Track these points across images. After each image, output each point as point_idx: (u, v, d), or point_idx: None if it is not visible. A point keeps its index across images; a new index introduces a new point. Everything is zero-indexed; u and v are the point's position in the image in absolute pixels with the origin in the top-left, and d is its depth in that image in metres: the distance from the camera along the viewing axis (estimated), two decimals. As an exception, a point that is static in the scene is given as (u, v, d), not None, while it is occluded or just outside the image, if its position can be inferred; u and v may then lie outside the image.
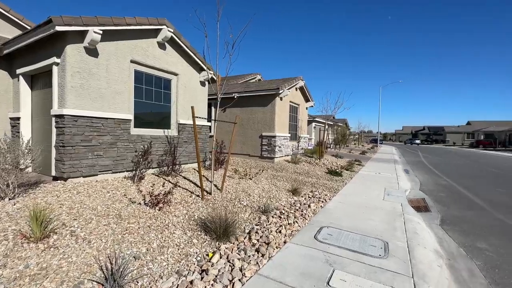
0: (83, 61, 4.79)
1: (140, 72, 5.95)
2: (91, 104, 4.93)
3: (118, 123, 5.35)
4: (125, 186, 4.79)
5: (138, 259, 2.63)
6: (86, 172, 4.83)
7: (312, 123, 20.60)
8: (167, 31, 6.06)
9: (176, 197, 4.50)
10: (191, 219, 3.76)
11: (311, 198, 5.59)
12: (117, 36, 5.30)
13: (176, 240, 3.12)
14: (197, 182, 5.64)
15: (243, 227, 3.74)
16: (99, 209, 3.61)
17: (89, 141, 4.87)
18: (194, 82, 7.39)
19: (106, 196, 4.15)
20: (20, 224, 2.92)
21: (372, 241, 3.45)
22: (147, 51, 5.99)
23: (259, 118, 10.49)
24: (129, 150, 5.57)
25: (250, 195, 5.31)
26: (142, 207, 3.91)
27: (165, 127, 6.64)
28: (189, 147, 7.20)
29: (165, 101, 6.66)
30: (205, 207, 4.30)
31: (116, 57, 5.32)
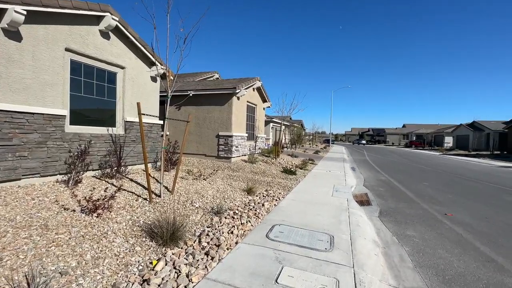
0: (2, 45, 4.04)
1: (77, 62, 5.28)
2: (12, 96, 4.19)
3: (48, 119, 4.65)
4: (57, 191, 4.19)
5: (66, 274, 2.29)
6: (5, 177, 4.08)
7: (269, 123, 21.08)
8: (110, 19, 5.50)
9: (119, 202, 4.09)
10: (135, 225, 3.45)
11: (265, 197, 5.66)
12: (48, 19, 4.61)
13: (115, 249, 2.81)
14: (146, 185, 5.24)
15: (194, 230, 3.58)
16: (18, 219, 3.07)
17: (8, 139, 4.12)
18: (143, 77, 6.87)
19: (30, 203, 3.56)
20: None
21: (320, 235, 3.63)
22: (87, 40, 5.35)
23: (216, 117, 10.29)
24: (63, 150, 4.89)
25: (203, 196, 5.13)
26: (77, 214, 3.45)
27: (109, 125, 6.02)
28: (138, 146, 6.67)
29: (109, 96, 6.05)
30: (152, 211, 4.01)
31: (46, 43, 4.62)
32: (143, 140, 4.20)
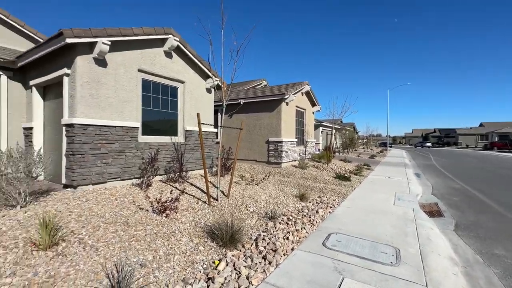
0: (92, 71, 4.92)
1: (147, 80, 6.06)
2: (100, 113, 5.04)
3: (126, 131, 5.44)
4: (133, 193, 4.84)
5: (144, 266, 2.62)
6: (95, 180, 4.91)
7: (319, 127, 20.46)
8: (173, 40, 6.18)
9: (183, 204, 4.50)
10: (198, 226, 3.74)
11: (319, 204, 5.50)
12: (125, 46, 5.44)
13: (182, 247, 3.10)
14: (204, 189, 5.64)
15: (250, 234, 3.69)
16: (107, 216, 3.65)
17: (98, 149, 4.96)
18: (200, 89, 7.47)
19: (114, 203, 4.19)
20: (30, 232, 2.97)
21: (383, 247, 3.35)
22: (154, 60, 6.11)
23: (265, 123, 10.49)
24: (137, 157, 5.64)
25: (257, 201, 5.26)
26: (150, 214, 3.92)
27: (172, 134, 6.71)
28: (196, 153, 7.24)
29: (172, 109, 6.75)
30: (211, 214, 4.29)
31: (124, 66, 5.45)
32: (202, 147, 4.55)
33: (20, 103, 6.28)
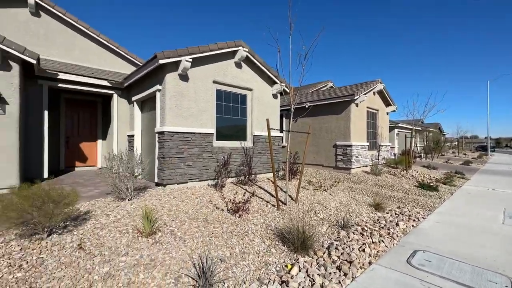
0: (177, 86, 5.71)
1: (220, 90, 6.64)
2: (183, 121, 5.78)
3: (203, 136, 6.07)
4: (210, 193, 5.34)
5: (224, 262, 2.86)
6: (179, 180, 5.64)
7: (394, 129, 18.30)
8: (243, 51, 6.60)
9: (253, 206, 4.72)
10: (268, 228, 3.85)
11: (398, 216, 4.91)
12: (202, 61, 6.11)
13: (255, 247, 3.25)
14: (272, 192, 5.77)
15: (321, 241, 3.58)
16: (190, 212, 4.13)
17: (181, 153, 5.69)
18: (267, 95, 7.73)
19: (195, 201, 4.72)
20: (135, 221, 3.63)
21: (491, 275, 2.74)
22: (226, 71, 6.65)
23: (332, 126, 10.03)
24: (212, 160, 6.21)
25: (326, 207, 5.07)
26: (225, 213, 4.26)
27: (241, 139, 7.13)
28: (263, 157, 7.48)
29: (241, 115, 7.19)
30: (281, 217, 4.35)
31: (201, 79, 6.12)
32: (271, 152, 4.68)
33: (125, 115, 7.79)
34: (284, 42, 4.65)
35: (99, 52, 8.81)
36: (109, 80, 7.31)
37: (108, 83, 7.32)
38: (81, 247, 2.88)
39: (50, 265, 2.53)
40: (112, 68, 9.06)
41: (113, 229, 3.35)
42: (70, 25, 8.20)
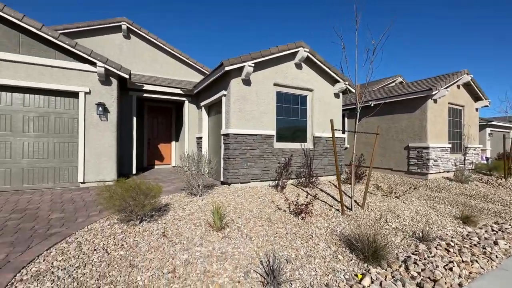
0: (241, 90, 6.02)
1: (280, 92, 6.71)
2: (246, 123, 6.06)
3: (264, 138, 6.23)
4: (271, 193, 5.44)
5: (289, 262, 2.87)
6: (243, 180, 5.92)
7: (485, 128, 15.23)
8: (303, 51, 6.53)
9: (316, 209, 4.60)
10: (333, 233, 3.70)
11: (497, 233, 4.06)
12: (263, 65, 6.29)
13: (321, 252, 3.16)
14: (335, 196, 5.52)
15: (396, 254, 3.25)
16: (254, 211, 4.29)
17: (244, 154, 5.97)
18: (328, 95, 7.44)
19: (257, 201, 4.88)
20: (207, 215, 3.98)
21: None
22: (286, 73, 6.69)
23: (403, 126, 8.98)
24: (273, 161, 6.32)
25: (399, 216, 4.56)
26: (287, 214, 4.27)
27: (301, 141, 7.04)
28: (324, 159, 7.22)
29: (301, 116, 7.11)
30: (346, 223, 4.12)
31: (263, 82, 6.31)
32: (336, 154, 4.49)
33: (195, 119, 8.61)
34: (347, 40, 4.39)
35: (173, 64, 10.00)
36: (182, 88, 8.22)
37: (181, 91, 8.23)
38: (164, 234, 3.31)
39: (143, 247, 2.99)
40: (184, 77, 10.15)
41: (188, 222, 3.74)
42: (151, 43, 9.56)
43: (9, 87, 5.29)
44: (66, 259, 2.67)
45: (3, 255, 2.67)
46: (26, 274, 2.38)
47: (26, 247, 2.86)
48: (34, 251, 2.77)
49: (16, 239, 3.05)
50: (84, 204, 4.44)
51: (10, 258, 2.62)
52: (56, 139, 5.71)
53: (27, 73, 5.33)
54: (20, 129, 5.42)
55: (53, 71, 5.55)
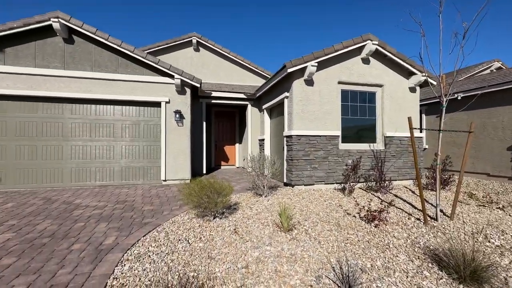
0: (303, 91, 5.94)
1: (345, 90, 6.35)
2: (309, 124, 5.94)
3: (328, 139, 5.99)
4: (337, 197, 5.19)
5: (365, 272, 2.68)
6: (306, 182, 5.82)
7: None
8: (371, 45, 6.03)
9: (391, 217, 4.17)
10: (415, 245, 3.27)
11: None
12: (326, 63, 6.06)
13: (401, 265, 2.84)
14: (413, 203, 4.89)
15: (503, 277, 2.66)
16: (321, 215, 4.16)
17: (307, 155, 5.86)
18: (401, 90, 6.67)
19: (323, 204, 4.72)
20: (273, 216, 4.06)
21: None
22: (352, 70, 6.29)
23: (505, 122, 7.32)
24: (338, 163, 6.01)
25: (504, 232, 3.73)
26: (357, 220, 4.00)
27: (370, 141, 6.50)
28: (398, 162, 6.49)
29: (369, 115, 6.57)
30: (431, 235, 3.59)
31: (326, 82, 6.08)
32: (415, 155, 3.98)
33: (257, 122, 8.91)
34: (428, 24, 3.80)
35: (236, 70, 10.59)
36: (245, 93, 8.62)
37: (244, 96, 8.65)
38: (236, 231, 3.53)
39: (218, 242, 3.25)
40: (246, 82, 10.64)
41: (256, 221, 3.89)
42: (217, 52, 10.35)
43: (113, 101, 6.51)
44: (158, 245, 3.12)
45: (113, 238, 3.29)
46: (130, 255, 2.88)
47: (128, 232, 3.46)
48: (135, 236, 3.33)
49: (121, 225, 3.72)
50: (167, 199, 5.10)
51: (118, 240, 3.21)
52: (144, 142, 6.74)
53: (124, 88, 6.46)
54: (119, 135, 6.60)
55: (142, 86, 6.57)
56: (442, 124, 4.04)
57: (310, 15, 44.85)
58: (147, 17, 43.44)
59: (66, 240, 3.22)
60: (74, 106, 6.34)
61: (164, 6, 43.66)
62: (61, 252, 2.90)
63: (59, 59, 6.13)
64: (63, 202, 4.89)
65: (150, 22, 44.36)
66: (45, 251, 2.92)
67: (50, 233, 3.40)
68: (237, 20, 45.56)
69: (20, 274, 2.45)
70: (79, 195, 5.46)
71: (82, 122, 6.39)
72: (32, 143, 6.09)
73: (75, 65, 6.22)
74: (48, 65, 6.05)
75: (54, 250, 2.95)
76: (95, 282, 2.34)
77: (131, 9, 41.96)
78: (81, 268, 2.57)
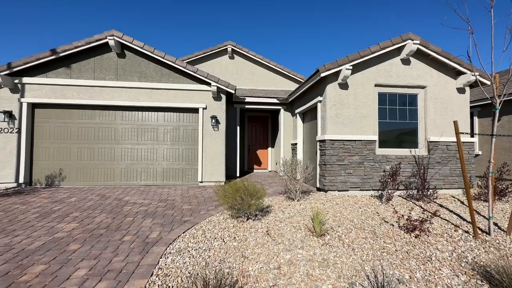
0: (337, 95, 5.85)
1: (383, 93, 6.09)
2: (343, 129, 5.82)
3: (364, 144, 5.79)
4: (374, 204, 4.98)
5: (402, 283, 2.57)
6: (340, 187, 5.69)
7: None
8: (412, 44, 5.72)
9: (434, 228, 3.88)
10: (463, 260, 3.02)
11: None
12: (362, 66, 5.90)
13: (444, 279, 2.65)
14: (462, 214, 4.48)
15: None
16: (355, 221, 4.06)
17: (341, 160, 5.73)
18: (447, 90, 6.17)
19: (358, 211, 4.58)
20: (305, 220, 4.07)
21: None
22: (390, 72, 6.01)
23: None
24: (375, 169, 5.77)
25: None
26: (395, 229, 3.81)
27: (411, 146, 6.11)
28: (444, 169, 5.99)
29: (410, 118, 6.19)
30: (482, 250, 3.27)
31: (362, 84, 5.91)
32: (462, 162, 3.67)
33: (289, 126, 8.95)
34: (476, 21, 3.47)
35: (269, 76, 10.77)
36: (278, 98, 8.74)
37: (277, 100, 8.77)
38: (268, 233, 3.62)
39: (251, 242, 3.38)
40: (278, 87, 10.75)
41: (288, 224, 3.94)
42: (250, 59, 10.66)
43: (157, 107, 7.14)
44: (196, 242, 3.36)
45: (157, 232, 3.63)
46: (172, 249, 3.16)
47: (170, 228, 3.78)
48: (176, 232, 3.63)
49: (163, 221, 4.07)
50: (204, 200, 5.41)
51: (162, 235, 3.54)
52: (183, 146, 7.24)
53: (166, 96, 7.04)
54: (162, 138, 7.18)
55: (182, 93, 7.09)
56: (495, 128, 3.67)
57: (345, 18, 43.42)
58: (180, 29, 46.39)
59: (118, 232, 3.64)
60: (124, 113, 7.09)
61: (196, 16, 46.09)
62: (115, 242, 3.30)
63: (113, 71, 6.94)
64: (115, 198, 5.50)
65: (184, 33, 47.33)
66: (102, 240, 3.35)
67: (106, 225, 3.87)
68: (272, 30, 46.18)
69: (84, 259, 2.86)
70: (127, 193, 6.07)
71: (130, 127, 7.11)
72: (91, 145, 6.96)
73: (126, 76, 6.98)
74: (104, 77, 6.89)
75: (109, 240, 3.36)
76: (143, 270, 2.63)
77: (160, 19, 45.17)
78: (131, 257, 2.91)
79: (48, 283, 2.37)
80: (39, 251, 3.02)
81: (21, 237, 3.41)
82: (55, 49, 6.48)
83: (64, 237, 3.44)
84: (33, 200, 5.26)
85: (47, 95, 6.65)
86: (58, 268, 2.65)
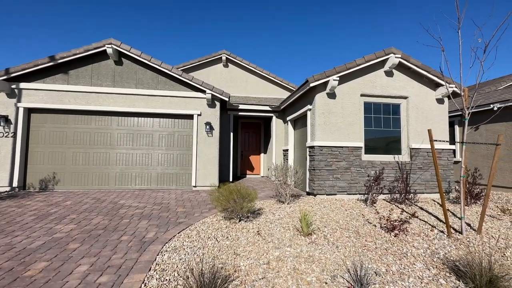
0: (326, 104, 6.20)
1: (368, 102, 6.48)
2: (331, 136, 6.16)
3: (351, 150, 6.13)
4: (359, 207, 5.28)
5: (379, 275, 2.83)
6: (328, 191, 5.98)
7: None
8: (394, 58, 6.15)
9: (413, 228, 4.19)
10: (435, 256, 3.32)
11: None
12: (348, 77, 6.29)
13: (417, 272, 2.94)
14: (439, 216, 4.82)
15: (525, 291, 2.64)
16: (341, 222, 4.33)
17: (330, 166, 6.04)
18: (428, 101, 6.62)
19: (344, 213, 4.87)
20: (294, 221, 4.32)
21: None
22: (375, 83, 6.42)
23: (549, 134, 6.82)
24: (361, 174, 6.09)
25: (537, 249, 3.58)
26: (377, 229, 4.10)
27: (395, 153, 6.49)
28: (425, 174, 6.37)
29: (394, 126, 6.59)
30: (453, 247, 3.59)
31: (348, 94, 6.29)
32: (436, 168, 4.02)
33: (281, 133, 9.26)
34: (448, 39, 3.88)
35: (262, 84, 11.13)
36: (270, 105, 9.07)
37: (269, 108, 9.10)
38: (259, 233, 3.86)
39: (242, 241, 3.61)
40: (271, 95, 11.11)
41: (278, 225, 4.18)
42: (244, 67, 11.02)
43: (152, 114, 7.34)
44: (191, 241, 3.56)
45: (153, 233, 3.81)
46: (168, 247, 3.35)
47: (166, 229, 3.97)
48: (171, 232, 3.82)
49: (159, 223, 4.25)
50: (198, 203, 5.61)
51: (158, 235, 3.72)
52: (177, 151, 7.43)
53: (162, 103, 7.26)
54: (157, 144, 7.36)
55: (178, 100, 7.33)
56: (465, 136, 4.04)
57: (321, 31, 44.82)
58: (177, 36, 46.77)
59: (116, 232, 3.80)
60: (120, 119, 7.26)
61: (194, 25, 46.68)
62: (113, 241, 3.47)
63: (110, 78, 7.13)
64: (110, 202, 5.63)
65: (182, 41, 47.63)
66: (100, 240, 3.51)
67: (103, 226, 4.03)
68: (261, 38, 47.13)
69: (84, 256, 3.02)
70: (122, 196, 6.21)
71: (126, 133, 7.27)
72: (86, 150, 7.08)
73: (123, 83, 7.18)
74: (101, 84, 7.07)
75: (107, 239, 3.53)
76: (141, 266, 2.82)
77: (158, 27, 45.58)
78: (129, 254, 3.09)
79: (52, 277, 2.54)
80: (40, 249, 3.16)
81: (21, 237, 3.54)
82: (54, 56, 6.65)
83: (63, 237, 3.58)
84: (28, 203, 5.34)
85: (44, 100, 6.78)
86: (60, 264, 2.81)
